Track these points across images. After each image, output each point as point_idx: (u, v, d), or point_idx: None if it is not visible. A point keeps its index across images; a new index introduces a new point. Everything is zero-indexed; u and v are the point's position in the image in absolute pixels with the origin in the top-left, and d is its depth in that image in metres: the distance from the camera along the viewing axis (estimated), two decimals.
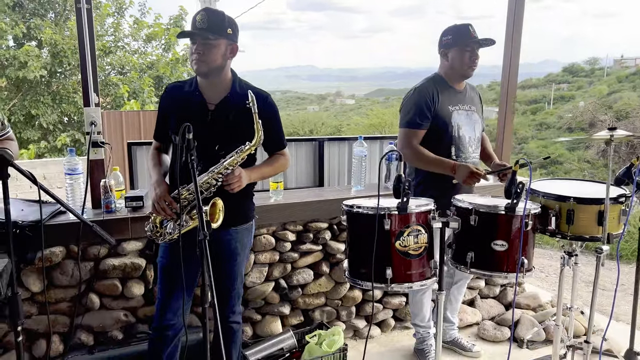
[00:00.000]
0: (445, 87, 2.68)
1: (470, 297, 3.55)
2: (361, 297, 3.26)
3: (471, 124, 2.72)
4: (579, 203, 2.19)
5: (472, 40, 2.57)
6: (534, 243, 2.21)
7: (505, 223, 2.08)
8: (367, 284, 2.07)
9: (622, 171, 2.18)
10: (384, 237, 1.99)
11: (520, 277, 2.10)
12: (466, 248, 2.16)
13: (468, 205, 2.15)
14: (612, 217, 2.20)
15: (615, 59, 67.93)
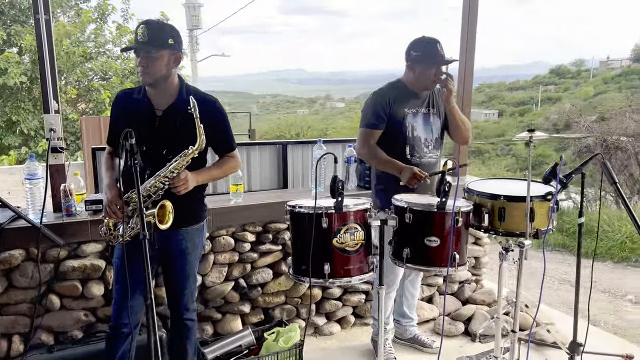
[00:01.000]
0: (404, 91, 2.83)
1: (429, 293, 3.68)
2: (321, 295, 3.37)
3: (428, 126, 2.85)
4: (509, 201, 2.32)
5: (439, 59, 2.71)
6: (467, 239, 2.33)
7: (438, 220, 2.21)
8: (312, 280, 2.18)
9: (548, 170, 2.31)
10: (322, 235, 2.11)
11: (452, 270, 2.22)
12: (403, 244, 2.28)
13: (404, 204, 2.27)
14: (541, 214, 2.33)
15: (601, 61, 68.76)
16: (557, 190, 2.26)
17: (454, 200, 2.17)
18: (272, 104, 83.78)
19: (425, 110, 2.84)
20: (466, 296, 3.70)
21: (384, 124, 2.78)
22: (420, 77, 2.75)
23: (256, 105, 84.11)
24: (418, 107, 2.82)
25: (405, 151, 2.78)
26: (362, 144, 2.82)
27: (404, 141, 2.79)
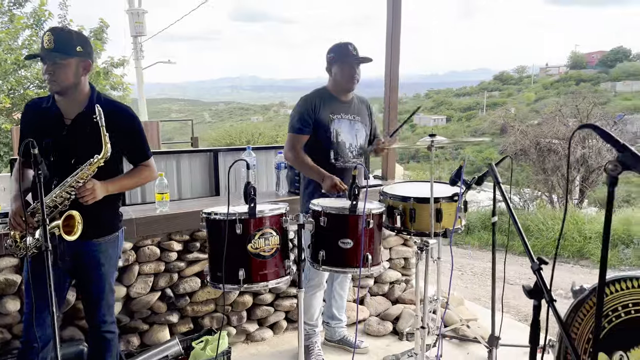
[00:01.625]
0: (329, 97, 2.94)
1: (361, 295, 3.75)
2: (252, 302, 3.38)
3: (352, 132, 2.96)
4: (418, 202, 2.43)
5: (351, 58, 2.83)
6: (380, 239, 2.41)
7: (350, 223, 2.28)
8: (227, 285, 2.20)
9: (454, 173, 2.42)
10: (236, 241, 2.13)
11: (365, 271, 2.30)
12: (319, 247, 2.33)
13: (319, 207, 2.33)
14: (449, 214, 2.44)
15: (541, 67, 72.17)
16: (462, 192, 2.37)
17: (364, 203, 2.24)
18: (225, 111, 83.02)
19: (350, 117, 2.95)
20: (396, 296, 3.81)
21: (310, 129, 2.87)
22: (337, 78, 2.88)
23: (208, 113, 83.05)
24: (343, 113, 2.93)
25: (330, 155, 2.87)
26: (289, 148, 2.90)
27: (328, 145, 2.89)
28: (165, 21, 27.86)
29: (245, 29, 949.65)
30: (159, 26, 26.47)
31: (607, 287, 1.38)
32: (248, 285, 2.17)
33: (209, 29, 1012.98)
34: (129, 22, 17.87)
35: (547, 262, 1.43)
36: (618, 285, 1.35)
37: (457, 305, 3.69)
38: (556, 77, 62.87)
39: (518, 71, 70.06)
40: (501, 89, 64.34)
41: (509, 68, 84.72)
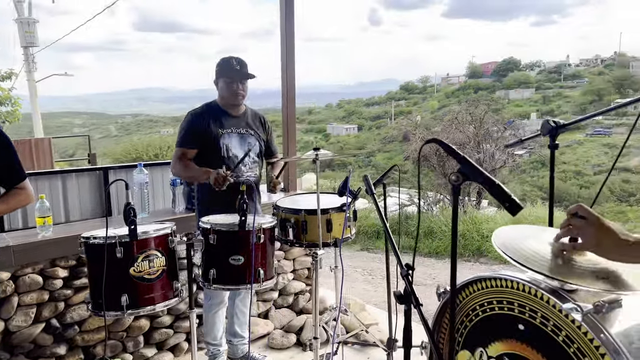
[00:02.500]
0: (218, 112, 2.92)
1: (265, 309, 3.73)
2: (149, 325, 3.24)
3: (244, 146, 2.94)
4: (309, 214, 2.46)
5: (233, 73, 2.84)
6: (273, 253, 2.42)
7: (240, 239, 2.26)
8: (108, 313, 2.09)
9: (341, 184, 2.49)
10: (117, 265, 2.03)
11: (257, 287, 2.29)
12: (209, 265, 2.29)
13: (208, 225, 2.29)
14: (339, 224, 2.51)
15: (442, 77, 76.73)
16: (349, 202, 2.45)
17: (254, 218, 2.24)
18: (132, 124, 79.53)
19: (242, 130, 2.94)
20: (300, 307, 3.83)
21: (196, 144, 2.85)
22: (222, 92, 2.90)
23: (114, 126, 78.99)
24: (233, 126, 2.92)
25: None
26: (174, 162, 2.87)
27: (219, 161, 2.85)
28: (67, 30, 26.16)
29: (153, 40, 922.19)
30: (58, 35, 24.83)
31: (465, 289, 1.48)
32: (132, 311, 2.08)
33: (115, 39, 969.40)
34: (19, 31, 16.63)
35: (414, 269, 1.50)
36: (475, 286, 1.45)
37: (359, 311, 3.78)
38: (456, 86, 67.19)
39: (422, 81, 73.97)
40: (407, 98, 67.58)
41: (413, 78, 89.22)
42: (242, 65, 2.86)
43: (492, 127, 12.73)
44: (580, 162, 36.56)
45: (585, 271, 1.25)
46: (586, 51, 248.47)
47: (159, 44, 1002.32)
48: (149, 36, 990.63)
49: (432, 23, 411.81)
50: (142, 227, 2.13)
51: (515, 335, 1.34)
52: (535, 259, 1.27)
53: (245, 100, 2.97)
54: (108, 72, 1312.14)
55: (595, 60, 69.61)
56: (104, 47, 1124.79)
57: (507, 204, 1.16)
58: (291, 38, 3.92)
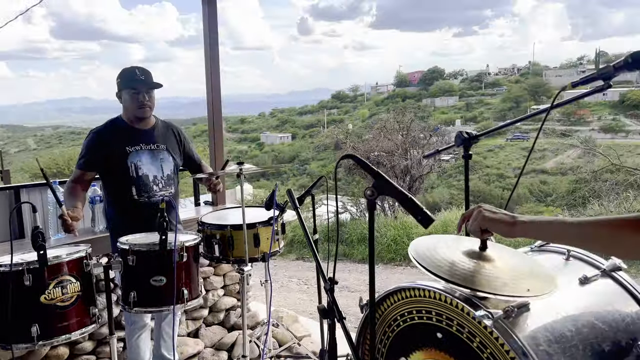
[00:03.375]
0: (124, 128, 2.71)
1: (195, 327, 3.62)
2: (68, 353, 3.04)
3: (156, 163, 2.75)
4: (235, 229, 2.42)
5: (136, 83, 2.63)
6: (197, 271, 2.34)
7: (161, 258, 2.17)
8: (17, 346, 1.93)
9: (268, 197, 2.47)
10: (25, 294, 1.89)
11: (181, 307, 2.21)
12: (129, 288, 2.18)
13: (127, 245, 2.18)
14: (266, 238, 2.48)
15: (372, 86, 78.82)
16: (276, 215, 2.43)
17: (175, 237, 2.16)
18: (53, 136, 75.36)
19: (153, 146, 2.74)
20: (232, 323, 3.75)
21: (95, 167, 2.67)
22: (126, 105, 2.69)
23: (33, 139, 74.36)
24: (143, 143, 2.72)
25: (132, 192, 2.65)
26: (67, 183, 2.68)
27: (128, 181, 2.66)
28: None
29: (74, 47, 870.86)
30: None
31: (386, 300, 1.50)
32: (44, 342, 1.94)
33: (31, 47, 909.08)
34: None
35: (337, 282, 1.51)
36: (395, 296, 1.48)
37: (292, 323, 3.76)
38: (385, 94, 69.24)
39: (353, 90, 75.58)
40: (339, 106, 68.83)
41: (344, 87, 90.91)
42: (147, 74, 2.66)
43: (419, 134, 13.21)
44: (502, 165, 38.75)
45: (495, 278, 1.30)
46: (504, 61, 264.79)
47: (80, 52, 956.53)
48: (69, 44, 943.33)
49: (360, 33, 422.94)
50: (53, 251, 1.99)
51: (435, 344, 1.38)
52: (449, 268, 1.31)
53: (154, 111, 2.78)
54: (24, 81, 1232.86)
55: (512, 69, 74.34)
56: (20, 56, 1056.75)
57: (419, 217, 1.19)
58: (215, 47, 3.86)
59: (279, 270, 8.83)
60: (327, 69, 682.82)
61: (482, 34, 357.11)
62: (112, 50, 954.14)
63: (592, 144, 20.68)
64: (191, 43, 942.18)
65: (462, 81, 70.30)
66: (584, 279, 1.45)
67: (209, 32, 3.81)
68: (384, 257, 9.62)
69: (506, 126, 1.96)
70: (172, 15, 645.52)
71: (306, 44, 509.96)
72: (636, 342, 1.33)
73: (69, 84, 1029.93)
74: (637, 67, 1.31)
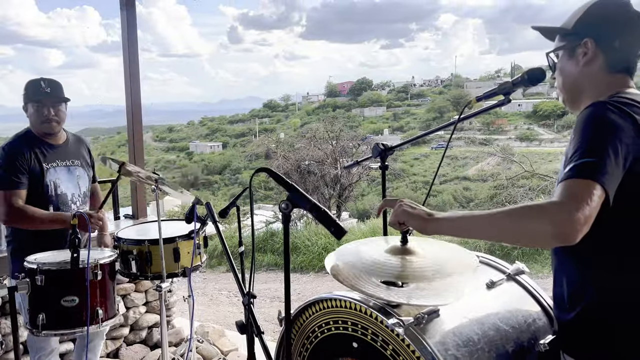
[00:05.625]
0: (37, 143, 2.51)
1: (114, 347, 3.45)
2: None
3: (74, 180, 2.59)
4: (153, 244, 2.33)
5: (42, 96, 2.45)
6: (114, 289, 2.23)
7: (73, 277, 2.05)
8: None
9: (188, 210, 2.40)
10: None
11: (95, 328, 2.10)
12: (37, 310, 2.04)
13: (34, 265, 2.04)
14: (187, 252, 2.41)
15: (303, 96, 79.54)
16: (198, 228, 2.37)
17: (88, 254, 2.05)
18: None
19: (68, 162, 2.58)
20: (155, 340, 3.61)
21: (22, 182, 2.40)
22: (32, 118, 2.50)
23: None
24: (59, 159, 2.54)
25: (49, 211, 2.46)
26: (6, 209, 2.37)
27: (46, 200, 2.47)
28: None
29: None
30: None
31: (304, 311, 1.51)
32: None
33: None
34: None
35: (255, 296, 1.49)
36: (313, 308, 1.49)
37: (218, 338, 3.68)
38: (316, 104, 70.08)
39: (284, 99, 75.85)
40: (271, 115, 68.79)
41: (276, 96, 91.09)
42: (54, 86, 2.48)
43: (349, 143, 13.47)
44: (427, 172, 40.34)
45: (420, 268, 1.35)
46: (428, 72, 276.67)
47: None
48: None
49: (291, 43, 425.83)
50: None
51: (351, 353, 1.40)
52: (375, 268, 1.34)
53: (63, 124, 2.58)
54: None
55: (436, 80, 77.82)
56: None
57: (332, 228, 1.21)
58: (134, 53, 3.74)
59: (209, 283, 8.63)
60: (258, 78, 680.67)
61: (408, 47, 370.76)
62: (27, 55, 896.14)
63: (509, 152, 22.04)
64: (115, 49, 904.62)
65: (389, 92, 72.63)
66: (491, 284, 1.53)
67: (128, 37, 3.69)
68: (315, 265, 9.65)
69: (419, 137, 2.05)
70: (94, 20, 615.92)
71: (237, 52, 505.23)
72: (537, 342, 1.42)
73: None
74: (533, 83, 1.41)
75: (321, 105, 67.22)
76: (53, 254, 2.24)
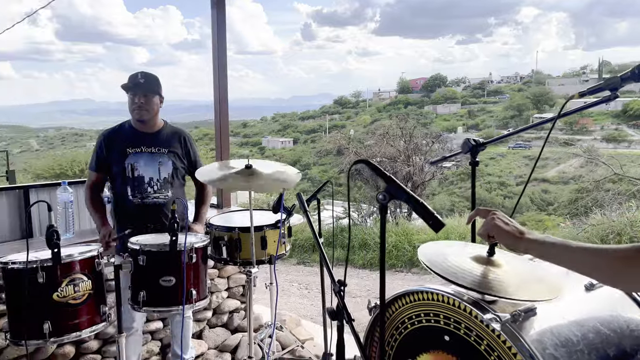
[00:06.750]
0: (128, 130, 2.81)
1: (199, 328, 3.64)
2: (74, 352, 3.07)
3: (154, 165, 2.79)
4: (243, 232, 2.45)
5: (135, 86, 2.69)
6: (206, 273, 2.37)
7: (171, 259, 2.20)
8: (29, 342, 1.96)
9: (275, 200, 2.50)
10: (39, 291, 1.92)
11: (189, 307, 2.24)
12: (139, 287, 2.21)
13: (137, 245, 2.22)
14: (273, 241, 2.51)
15: (374, 92, 78.97)
16: (283, 219, 2.46)
17: (185, 238, 2.19)
18: (56, 137, 75.58)
19: (153, 149, 2.78)
20: (235, 325, 3.77)
21: (103, 169, 2.79)
22: (128, 107, 2.76)
23: (36, 140, 74.57)
24: (144, 145, 2.77)
25: (127, 191, 2.73)
26: (85, 189, 2.82)
27: (124, 181, 2.74)
28: None
29: (79, 50, 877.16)
30: None
31: (394, 303, 1.53)
32: (56, 339, 1.97)
33: (36, 49, 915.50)
34: None
35: (346, 285, 1.54)
36: (403, 299, 1.51)
37: (295, 327, 3.78)
38: (388, 100, 69.35)
39: (355, 96, 75.68)
40: (341, 112, 68.92)
41: (347, 93, 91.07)
42: (148, 79, 2.71)
43: (422, 140, 13.25)
44: (503, 173, 38.78)
45: (503, 282, 1.33)
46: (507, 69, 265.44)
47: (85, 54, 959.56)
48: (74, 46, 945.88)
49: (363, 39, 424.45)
50: (66, 250, 2.03)
51: (442, 347, 1.40)
52: (458, 272, 1.34)
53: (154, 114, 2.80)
54: (28, 82, 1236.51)
55: (515, 77, 74.47)
56: (24, 57, 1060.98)
57: (430, 221, 1.22)
58: (223, 51, 3.91)
59: (279, 275, 8.83)
60: (330, 75, 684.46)
61: (485, 42, 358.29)
62: (116, 53, 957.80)
63: (595, 154, 20.69)
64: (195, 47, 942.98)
65: (464, 89, 70.44)
66: (590, 285, 1.48)
67: (218, 37, 3.86)
68: (387, 262, 9.64)
69: (514, 134, 2.00)
70: (176, 19, 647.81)
71: (309, 49, 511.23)
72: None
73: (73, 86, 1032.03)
74: None
75: (392, 102, 66.45)
76: (153, 236, 2.41)
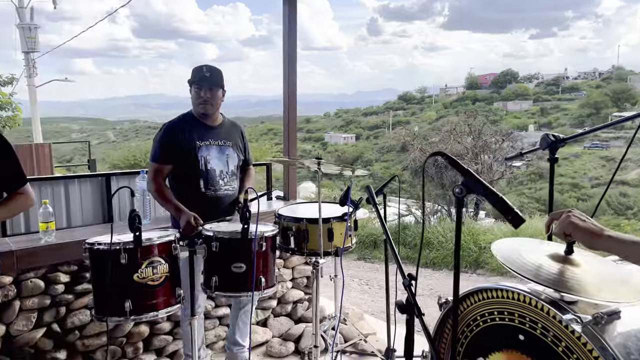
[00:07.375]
0: (194, 123, 2.82)
1: (264, 317, 3.74)
2: (148, 331, 3.25)
3: (223, 158, 2.86)
4: (310, 223, 2.49)
5: (201, 80, 2.71)
6: (274, 261, 2.44)
7: (242, 247, 2.28)
8: (111, 319, 2.11)
9: (343, 193, 2.52)
10: (121, 271, 2.06)
11: (258, 294, 2.31)
12: (211, 273, 2.31)
13: (211, 232, 2.31)
14: (340, 233, 2.53)
15: (441, 88, 77.10)
16: (350, 212, 2.47)
17: (256, 226, 2.26)
18: (130, 129, 79.86)
19: (220, 142, 2.84)
20: (299, 315, 3.84)
21: (171, 159, 2.75)
22: (192, 100, 2.78)
23: (112, 132, 79.15)
24: (212, 138, 2.81)
25: (200, 184, 2.76)
26: (150, 179, 2.77)
27: (197, 174, 2.77)
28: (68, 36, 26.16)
29: (153, 46, 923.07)
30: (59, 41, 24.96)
31: (466, 299, 1.51)
32: (135, 317, 2.10)
33: (114, 46, 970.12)
34: (20, 37, 16.68)
35: (415, 279, 1.53)
36: (476, 296, 1.48)
37: (357, 320, 3.80)
38: (454, 97, 67.50)
39: (420, 91, 74.23)
40: (405, 108, 67.88)
41: (411, 88, 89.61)
42: (213, 73, 2.72)
43: (490, 138, 12.82)
44: (577, 174, 36.74)
45: (583, 282, 1.28)
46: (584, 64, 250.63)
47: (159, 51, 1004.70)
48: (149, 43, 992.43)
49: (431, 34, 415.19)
50: (146, 234, 2.15)
51: (516, 346, 1.37)
52: (536, 271, 1.30)
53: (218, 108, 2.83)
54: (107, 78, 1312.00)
55: (593, 73, 70.20)
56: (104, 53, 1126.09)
57: (509, 217, 1.19)
58: (293, 46, 3.96)
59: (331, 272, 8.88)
60: (394, 70, 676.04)
61: (561, 36, 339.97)
62: (187, 49, 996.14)
63: None
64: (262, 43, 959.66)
65: (537, 85, 67.22)
66: None
67: (289, 32, 3.92)
68: (449, 262, 9.40)
69: (600, 129, 1.90)
70: (244, 16, 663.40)
71: (375, 44, 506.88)
72: None
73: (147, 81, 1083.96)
74: None
75: (459, 98, 64.60)
76: (225, 224, 2.51)
